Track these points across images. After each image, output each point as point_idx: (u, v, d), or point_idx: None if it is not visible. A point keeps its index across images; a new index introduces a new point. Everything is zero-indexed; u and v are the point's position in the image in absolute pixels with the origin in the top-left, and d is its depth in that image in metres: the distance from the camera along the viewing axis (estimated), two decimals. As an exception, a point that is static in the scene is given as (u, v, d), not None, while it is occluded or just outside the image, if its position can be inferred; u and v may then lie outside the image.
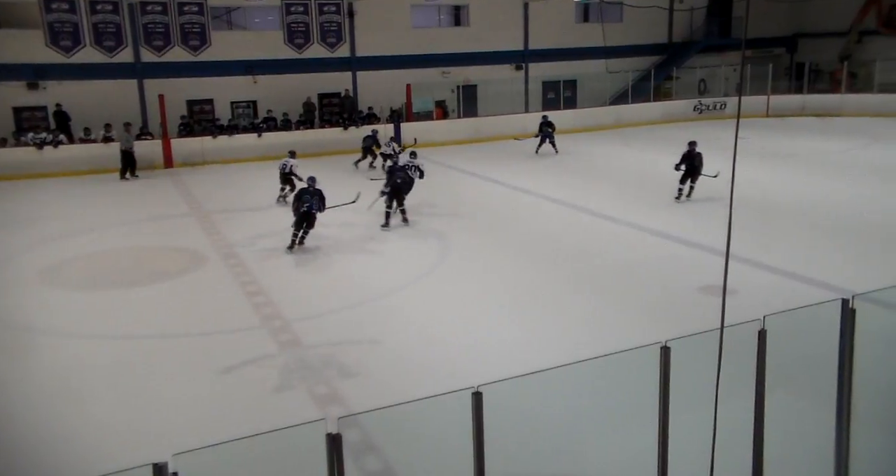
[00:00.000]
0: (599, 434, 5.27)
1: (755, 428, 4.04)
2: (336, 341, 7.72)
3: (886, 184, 14.46)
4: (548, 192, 14.90)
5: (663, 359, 3.72)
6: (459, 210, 13.91)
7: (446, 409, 3.68)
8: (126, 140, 18.21)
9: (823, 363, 4.27)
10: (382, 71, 23.29)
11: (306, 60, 22.55)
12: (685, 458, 3.90)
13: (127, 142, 18.19)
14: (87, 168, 18.42)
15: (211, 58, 21.28)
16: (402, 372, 6.92)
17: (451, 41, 24.62)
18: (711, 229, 11.01)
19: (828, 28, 28.51)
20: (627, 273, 9.70)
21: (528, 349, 7.26)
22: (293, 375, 6.97)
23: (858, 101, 24.90)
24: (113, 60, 20.26)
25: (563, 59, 25.93)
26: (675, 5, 28.28)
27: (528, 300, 8.81)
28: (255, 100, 22.45)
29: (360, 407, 5.78)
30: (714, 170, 12.59)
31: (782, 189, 14.26)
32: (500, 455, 3.69)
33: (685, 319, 7.42)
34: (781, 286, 8.76)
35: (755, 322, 3.90)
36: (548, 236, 11.72)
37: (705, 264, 9.59)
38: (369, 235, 12.02)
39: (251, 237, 12.06)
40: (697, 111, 26.11)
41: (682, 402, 3.84)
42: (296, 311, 8.63)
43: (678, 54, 28.10)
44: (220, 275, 10.16)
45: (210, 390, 6.75)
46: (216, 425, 5.94)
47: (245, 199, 15.40)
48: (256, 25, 22.91)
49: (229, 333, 8.06)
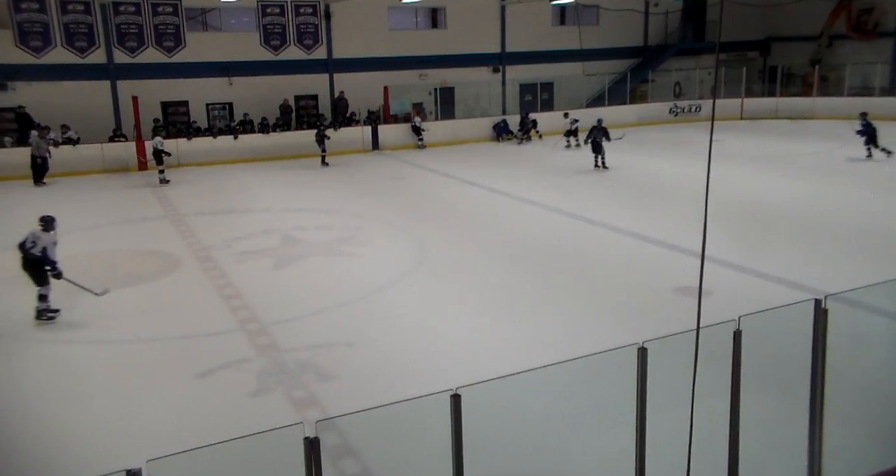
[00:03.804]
0: (578, 435, 5.29)
1: (731, 427, 4.08)
2: (313, 344, 7.67)
3: (857, 186, 14.73)
4: (525, 194, 14.96)
5: (640, 360, 3.74)
6: (437, 212, 13.91)
7: (425, 411, 3.67)
8: (37, 146, 17.25)
9: (797, 362, 4.33)
10: (359, 73, 23.24)
11: (283, 62, 22.44)
12: (663, 457, 3.93)
13: (38, 148, 17.24)
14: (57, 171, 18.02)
15: (185, 59, 21.10)
16: (381, 374, 6.89)
17: (428, 43, 24.64)
18: (686, 230, 11.12)
19: (799, 32, 29.00)
20: (604, 274, 9.76)
21: (507, 351, 7.27)
22: (270, 379, 6.91)
23: (829, 105, 25.36)
24: (85, 61, 19.99)
25: (540, 61, 26.08)
26: (651, 9, 28.59)
27: (506, 302, 8.83)
28: (230, 102, 22.27)
29: (338, 410, 5.73)
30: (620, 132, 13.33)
31: (756, 191, 14.46)
32: (479, 457, 3.69)
33: (662, 320, 7.49)
34: (756, 287, 8.88)
35: (730, 323, 3.94)
36: (525, 238, 11.76)
37: (681, 265, 9.68)
38: (347, 237, 11.97)
39: (227, 240, 11.95)
40: (673, 114, 26.40)
41: (659, 403, 3.86)
42: (273, 315, 8.56)
43: (654, 57, 28.40)
44: (195, 278, 10.04)
45: (186, 395, 6.66)
46: (192, 430, 5.86)
47: (221, 202, 15.26)
48: (232, 27, 22.73)
49: (205, 337, 7.97)
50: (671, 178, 16.10)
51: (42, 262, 8.26)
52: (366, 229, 12.58)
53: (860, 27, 27.57)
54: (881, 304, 6.26)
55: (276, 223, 13.09)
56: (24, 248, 8.31)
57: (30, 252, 8.26)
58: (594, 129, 17.49)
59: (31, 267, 8.34)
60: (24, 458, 5.72)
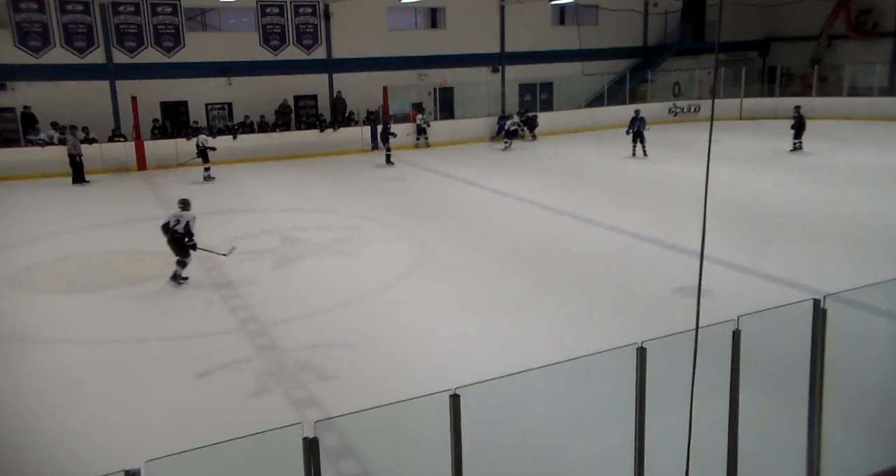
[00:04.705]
0: (577, 435, 5.29)
1: (730, 426, 4.08)
2: (313, 344, 7.67)
3: (856, 186, 14.73)
4: (525, 193, 14.96)
5: (639, 360, 3.75)
6: (437, 212, 13.91)
7: (424, 411, 3.67)
8: (73, 145, 17.60)
9: (796, 362, 4.33)
10: (359, 73, 23.22)
11: (282, 62, 22.42)
12: (661, 457, 3.93)
13: (74, 147, 17.58)
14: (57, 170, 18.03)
15: (185, 59, 21.08)
16: (380, 375, 6.89)
17: (427, 43, 24.63)
18: (686, 230, 11.12)
19: (799, 32, 29.01)
20: (604, 274, 9.77)
21: (506, 351, 7.27)
22: (270, 379, 6.91)
23: (828, 105, 25.35)
24: (84, 61, 19.97)
25: (540, 61, 26.07)
26: (650, 9, 28.58)
27: (506, 302, 8.83)
28: (230, 102, 22.25)
29: (337, 410, 5.73)
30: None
31: (755, 191, 14.46)
32: (479, 457, 3.69)
33: (661, 320, 7.48)
34: (755, 287, 8.88)
35: (729, 322, 3.94)
36: (525, 238, 11.76)
37: (681, 265, 9.68)
38: (346, 238, 11.97)
39: (227, 240, 11.93)
40: (672, 114, 26.40)
41: (658, 403, 3.87)
42: (272, 315, 8.56)
43: (653, 57, 28.40)
44: (195, 278, 10.04)
45: (185, 395, 6.66)
46: (191, 430, 5.86)
47: (220, 202, 15.26)
48: (231, 27, 22.71)
49: (205, 337, 7.96)
50: (670, 178, 16.10)
51: (184, 237, 9.47)
52: (365, 229, 12.58)
53: (859, 27, 27.57)
54: (880, 304, 6.27)
55: (275, 223, 13.08)
56: (168, 227, 9.53)
57: (174, 229, 9.47)
58: (634, 119, 19.07)
59: (175, 242, 9.56)
60: (24, 458, 5.72)
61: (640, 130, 19.03)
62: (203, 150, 17.76)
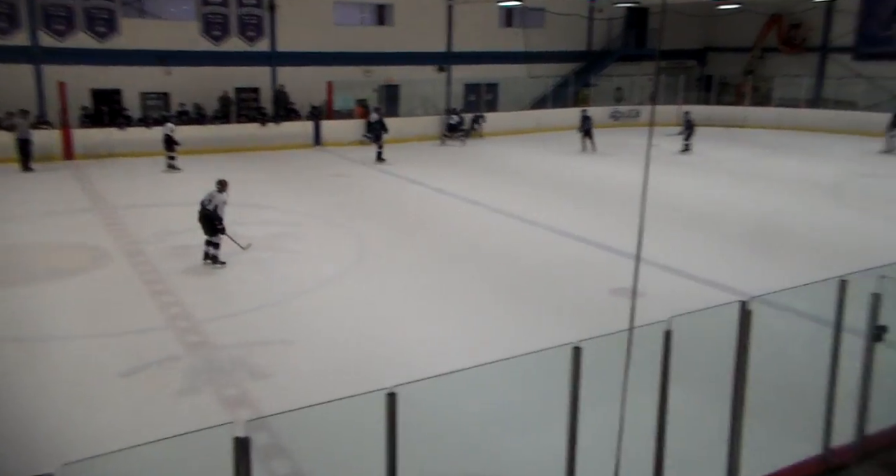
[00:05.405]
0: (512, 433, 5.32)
1: (658, 423, 4.17)
2: (247, 342, 7.49)
3: (783, 193, 15.33)
4: (467, 193, 15.00)
5: (574, 359, 3.78)
6: (379, 210, 13.82)
7: (360, 410, 3.62)
8: (23, 129, 17.07)
9: (723, 361, 4.45)
10: (303, 67, 22.87)
11: (224, 53, 21.89)
12: (593, 454, 3.98)
13: (23, 132, 17.02)
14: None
15: (119, 46, 20.32)
16: (316, 373, 6.78)
17: (374, 40, 24.45)
18: (623, 233, 11.35)
19: (735, 44, 30.07)
20: (542, 275, 9.87)
21: (444, 349, 7.27)
22: (200, 378, 6.71)
23: (760, 114, 26.38)
24: (5, 43, 19.00)
25: (486, 62, 26.22)
26: (595, 14, 29.11)
27: (444, 301, 8.83)
28: (167, 92, 21.58)
29: (270, 409, 5.61)
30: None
31: (690, 195, 14.89)
32: (414, 455, 3.66)
33: (596, 320, 7.61)
34: (687, 288, 9.13)
35: (662, 323, 4.02)
36: (465, 237, 11.79)
37: (617, 267, 9.87)
38: (286, 233, 11.76)
39: (160, 234, 11.58)
40: (614, 118, 26.97)
41: (592, 401, 3.91)
42: (206, 311, 8.32)
43: (597, 62, 28.94)
44: (124, 273, 9.68)
45: (109, 395, 6.40)
46: (113, 432, 5.64)
47: (155, 195, 14.78)
48: (171, 15, 22.01)
49: (132, 334, 7.68)
50: (610, 181, 16.42)
51: (213, 217, 9.73)
52: (306, 226, 12.39)
53: (789, 41, 28.77)
54: (800, 306, 6.55)
55: (212, 217, 12.73)
56: (202, 204, 9.86)
57: (206, 207, 9.79)
58: (584, 118, 21.19)
59: (205, 219, 9.81)
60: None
61: (590, 128, 20.98)
62: (169, 139, 17.18)
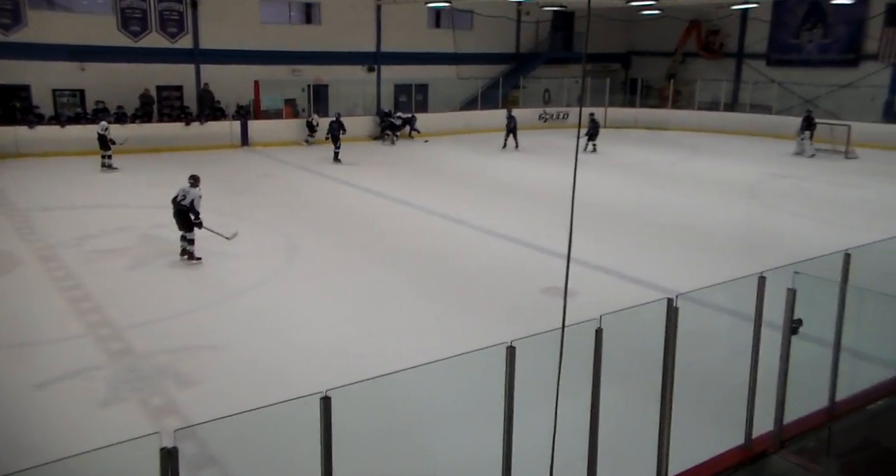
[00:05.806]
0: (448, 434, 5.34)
1: (591, 420, 4.25)
2: (174, 349, 7.24)
3: (705, 193, 15.96)
4: (399, 194, 14.97)
5: (509, 358, 3.81)
6: (309, 211, 13.61)
7: (293, 415, 3.55)
8: None
9: (652, 356, 4.59)
10: (229, 65, 22.29)
11: (143, 50, 21.10)
12: (529, 453, 4.03)
13: None
14: None
15: (27, 39, 19.27)
16: (246, 379, 6.62)
17: (301, 39, 24.06)
18: (552, 233, 11.56)
19: (657, 48, 31.11)
20: (475, 275, 9.94)
21: (378, 352, 7.21)
22: (124, 387, 6.44)
23: (682, 117, 27.38)
24: None
25: (415, 62, 26.21)
26: (522, 17, 29.55)
27: (378, 303, 8.77)
28: (82, 89, 20.62)
29: (199, 418, 5.44)
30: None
31: (618, 195, 15.31)
32: (349, 459, 3.61)
33: (529, 320, 7.71)
34: (617, 287, 9.38)
35: (592, 321, 4.11)
36: (398, 239, 11.76)
37: (548, 267, 10.04)
38: (213, 236, 11.41)
39: (76, 238, 11.06)
40: (542, 120, 27.44)
41: (526, 400, 3.96)
42: (128, 318, 8.00)
43: (525, 64, 29.38)
44: (37, 279, 9.21)
45: (22, 409, 6.06)
46: (29, 447, 5.34)
47: (69, 197, 14.09)
48: (84, 8, 21.02)
49: (46, 344, 7.31)
50: (539, 182, 16.69)
51: (189, 212, 9.80)
52: (232, 228, 12.06)
53: (708, 47, 29.99)
54: (723, 302, 6.82)
55: (133, 220, 12.26)
56: (175, 200, 9.90)
57: (180, 203, 9.83)
58: (510, 118, 21.91)
59: (180, 215, 9.88)
60: None
61: (514, 127, 21.74)
62: (103, 138, 16.41)
